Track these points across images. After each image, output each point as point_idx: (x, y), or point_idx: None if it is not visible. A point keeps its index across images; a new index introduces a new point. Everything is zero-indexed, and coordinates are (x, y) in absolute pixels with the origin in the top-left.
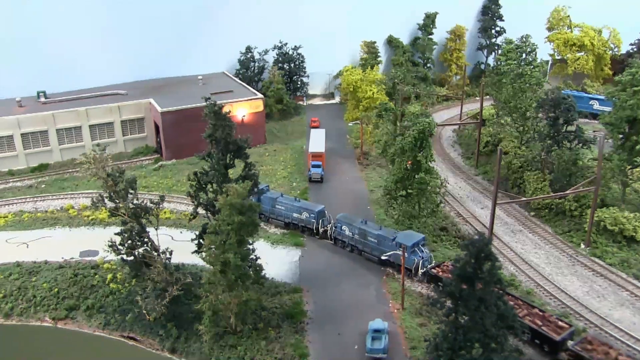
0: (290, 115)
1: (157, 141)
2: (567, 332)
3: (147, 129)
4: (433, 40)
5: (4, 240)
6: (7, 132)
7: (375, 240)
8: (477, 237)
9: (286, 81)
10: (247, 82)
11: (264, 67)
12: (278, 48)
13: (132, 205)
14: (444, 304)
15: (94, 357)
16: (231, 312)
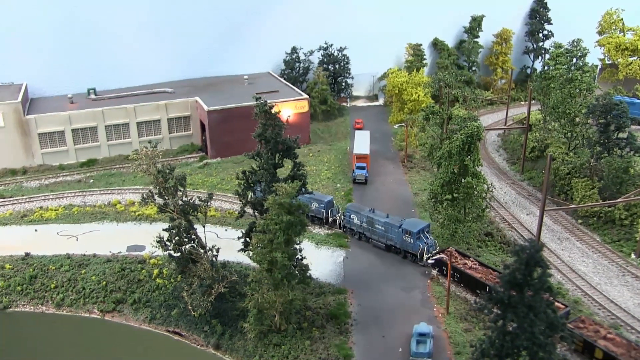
0: (334, 117)
1: (202, 139)
2: (563, 312)
3: (193, 127)
4: (479, 44)
5: (54, 232)
6: (59, 128)
7: (382, 228)
8: (527, 243)
9: (330, 82)
10: (291, 82)
11: (309, 68)
12: (323, 49)
13: (180, 202)
14: (491, 309)
15: (141, 351)
16: (276, 310)
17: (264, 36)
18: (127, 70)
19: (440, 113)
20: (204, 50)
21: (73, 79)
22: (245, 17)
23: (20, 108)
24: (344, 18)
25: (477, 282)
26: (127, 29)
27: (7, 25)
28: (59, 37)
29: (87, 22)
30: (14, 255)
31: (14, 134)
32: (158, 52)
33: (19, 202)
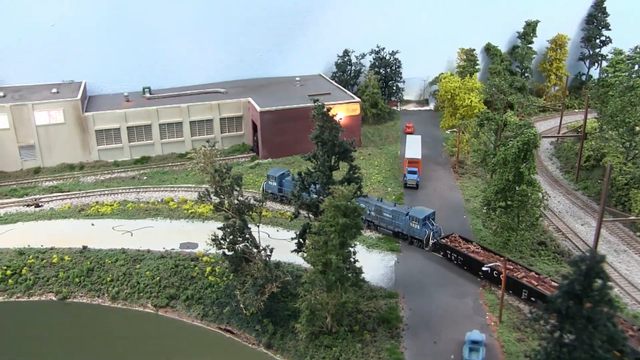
0: (384, 120)
1: (253, 140)
2: None
3: (245, 127)
4: (532, 49)
5: (110, 227)
6: (115, 125)
7: (390, 216)
8: (586, 253)
9: (381, 86)
10: (343, 85)
11: (360, 71)
12: (375, 52)
13: (236, 201)
14: (548, 320)
15: (193, 347)
16: (328, 312)
17: (316, 38)
18: (181, 69)
19: (495, 119)
20: (256, 51)
21: (129, 77)
22: (298, 19)
23: (80, 105)
24: (397, 22)
25: (478, 263)
26: (182, 29)
27: (69, 26)
28: (117, 37)
29: (143, 22)
30: (72, 248)
31: (73, 130)
32: (211, 52)
33: (76, 196)
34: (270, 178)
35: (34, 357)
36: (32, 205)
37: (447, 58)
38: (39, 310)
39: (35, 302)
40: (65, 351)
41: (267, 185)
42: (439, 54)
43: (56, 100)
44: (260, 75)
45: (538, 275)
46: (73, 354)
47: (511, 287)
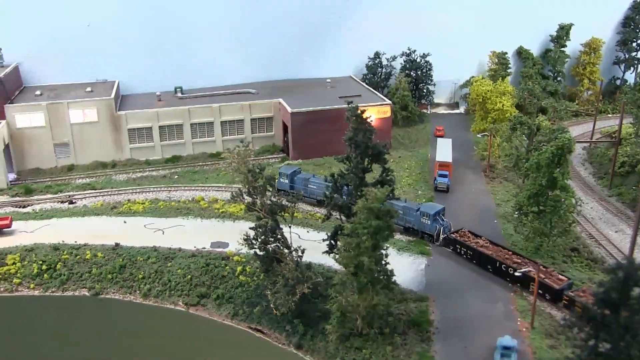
0: (414, 123)
1: (284, 140)
2: (566, 283)
3: (275, 128)
4: (565, 53)
5: (142, 225)
6: (147, 124)
7: (401, 212)
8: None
9: (412, 88)
10: (373, 87)
11: (391, 73)
12: (406, 55)
13: (269, 201)
14: (582, 328)
15: (224, 346)
16: (359, 314)
17: (347, 40)
18: (213, 70)
19: (528, 124)
20: (287, 52)
21: (161, 77)
22: (329, 21)
23: (113, 104)
24: (428, 24)
25: (487, 258)
26: (214, 29)
27: (103, 26)
28: (150, 37)
29: (175, 23)
30: (105, 245)
31: (106, 129)
32: (243, 53)
33: (108, 194)
34: (282, 176)
35: (67, 351)
36: (67, 201)
37: (478, 61)
38: (72, 305)
39: (69, 297)
40: (97, 346)
41: (279, 183)
42: (470, 56)
43: (90, 99)
44: (290, 76)
45: (545, 268)
46: (105, 349)
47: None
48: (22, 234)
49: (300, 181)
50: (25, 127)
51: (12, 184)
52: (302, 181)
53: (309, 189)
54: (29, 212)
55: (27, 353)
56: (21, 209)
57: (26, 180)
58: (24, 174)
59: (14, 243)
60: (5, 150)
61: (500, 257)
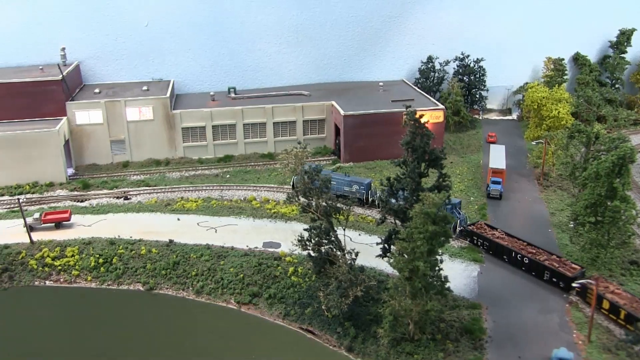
0: (466, 128)
1: (335, 143)
2: (579, 272)
3: (327, 130)
4: (625, 60)
5: (195, 222)
6: (201, 123)
7: None
8: None
9: (464, 93)
10: (425, 91)
11: (444, 78)
12: (459, 60)
13: (324, 203)
14: None
15: (274, 345)
16: (411, 319)
17: (400, 44)
18: (266, 71)
19: (586, 132)
20: (340, 56)
21: (215, 77)
22: (382, 24)
23: (168, 103)
24: (482, 29)
25: (503, 248)
26: (268, 31)
27: (160, 27)
28: (205, 38)
29: (231, 24)
30: (159, 241)
31: (161, 127)
32: (296, 55)
33: (162, 191)
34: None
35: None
36: (122, 197)
37: (533, 67)
38: (127, 298)
39: (124, 291)
40: (149, 340)
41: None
42: (525, 62)
43: (147, 97)
44: (343, 79)
45: (559, 258)
46: (156, 344)
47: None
48: (80, 228)
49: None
50: (84, 124)
51: (70, 179)
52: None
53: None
54: (87, 206)
55: (82, 342)
56: (79, 203)
57: (83, 175)
58: (82, 169)
59: (72, 236)
60: (65, 145)
61: (516, 247)
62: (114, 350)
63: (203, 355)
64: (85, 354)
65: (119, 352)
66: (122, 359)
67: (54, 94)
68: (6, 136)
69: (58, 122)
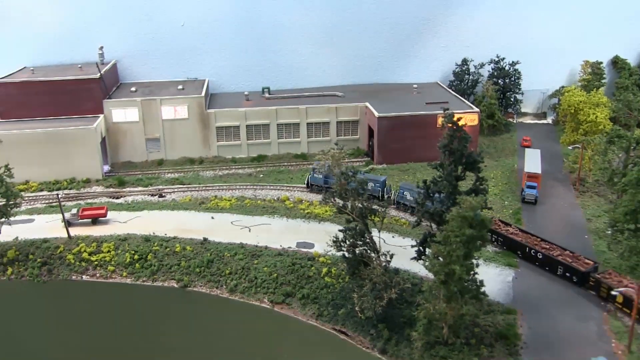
0: (500, 132)
1: (369, 144)
2: (592, 267)
3: (361, 131)
4: None
5: (229, 221)
6: (235, 123)
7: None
8: None
9: (499, 97)
10: (459, 94)
11: (478, 81)
12: (494, 62)
13: (360, 205)
14: None
15: (307, 345)
16: (446, 323)
17: (435, 46)
18: (300, 72)
19: (627, 137)
20: (375, 57)
21: (249, 77)
22: (417, 26)
23: (203, 102)
24: (519, 31)
25: (517, 244)
26: (303, 32)
27: (196, 27)
28: (240, 38)
29: (265, 24)
30: (193, 239)
31: (196, 126)
32: (331, 56)
33: (196, 189)
34: (316, 171)
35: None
36: (157, 195)
37: (569, 70)
38: (161, 295)
39: (158, 287)
40: (182, 337)
41: (313, 178)
42: (561, 66)
43: (182, 96)
44: (377, 80)
45: (572, 253)
46: (189, 341)
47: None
48: (116, 224)
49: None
50: (120, 122)
51: (106, 176)
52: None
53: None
54: (122, 203)
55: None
56: (114, 199)
57: (119, 173)
58: (117, 166)
59: (108, 232)
60: (101, 143)
61: (530, 243)
62: (148, 346)
63: (236, 354)
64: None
65: (152, 348)
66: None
67: (92, 92)
68: (46, 133)
69: (95, 119)
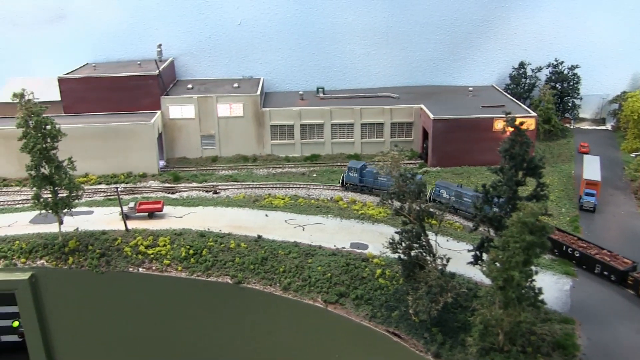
0: (556, 137)
1: (422, 147)
2: (630, 266)
3: (415, 133)
4: None
5: (283, 220)
6: (289, 122)
7: (469, 200)
8: None
9: (556, 101)
10: (515, 98)
11: (535, 85)
12: (553, 66)
13: (417, 208)
14: None
15: (360, 345)
16: (502, 330)
17: (491, 49)
18: (355, 72)
19: None
20: (430, 59)
21: (304, 77)
22: (474, 28)
23: (258, 100)
24: (579, 35)
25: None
26: (358, 32)
27: (252, 26)
28: (296, 38)
29: (321, 25)
30: (248, 236)
31: (251, 124)
32: (386, 57)
33: (250, 187)
34: (351, 170)
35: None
36: (211, 191)
37: (632, 75)
38: (215, 290)
39: (212, 283)
40: (235, 332)
41: (348, 176)
42: (623, 70)
43: (238, 94)
44: (431, 82)
45: (610, 252)
46: (242, 336)
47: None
48: (172, 219)
49: (370, 174)
50: (176, 118)
51: (162, 171)
52: (371, 174)
53: (379, 181)
54: (177, 198)
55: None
56: (170, 194)
57: (174, 168)
58: (172, 161)
59: (164, 226)
60: (158, 138)
61: (567, 241)
62: (200, 339)
63: (287, 351)
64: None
65: (204, 341)
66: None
67: (150, 88)
68: (106, 127)
69: (153, 115)
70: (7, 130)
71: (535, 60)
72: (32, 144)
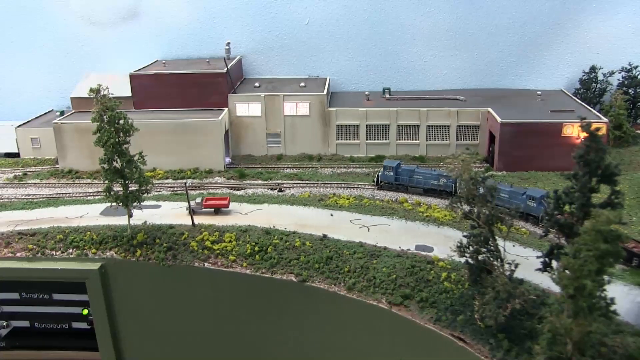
0: (627, 144)
1: (488, 150)
2: None
3: (481, 137)
4: None
5: (348, 219)
6: (355, 122)
7: (507, 196)
8: None
9: (628, 107)
10: (585, 103)
11: (606, 89)
12: (626, 71)
13: (487, 212)
14: None
15: (422, 347)
16: (571, 339)
17: (561, 52)
18: (420, 74)
19: None
20: (498, 62)
21: (370, 77)
22: (544, 31)
23: (325, 100)
24: None
25: None
26: (425, 34)
27: (320, 26)
28: (362, 38)
29: (389, 25)
30: (313, 235)
31: (317, 123)
32: (453, 59)
33: (315, 186)
34: (386, 169)
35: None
36: (276, 189)
37: None
38: (279, 287)
39: (277, 280)
40: (299, 330)
41: (383, 175)
42: None
43: (304, 93)
44: (499, 85)
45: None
46: (304, 334)
47: None
48: (237, 215)
49: (405, 173)
50: (243, 116)
51: (227, 167)
52: (406, 172)
53: (415, 179)
54: (242, 195)
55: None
56: (235, 191)
57: (239, 165)
58: (238, 159)
59: (230, 222)
60: (224, 135)
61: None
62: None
63: (350, 351)
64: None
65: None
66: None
67: (219, 86)
68: (174, 123)
69: (220, 112)
70: (82, 124)
71: (608, 64)
72: (106, 138)
